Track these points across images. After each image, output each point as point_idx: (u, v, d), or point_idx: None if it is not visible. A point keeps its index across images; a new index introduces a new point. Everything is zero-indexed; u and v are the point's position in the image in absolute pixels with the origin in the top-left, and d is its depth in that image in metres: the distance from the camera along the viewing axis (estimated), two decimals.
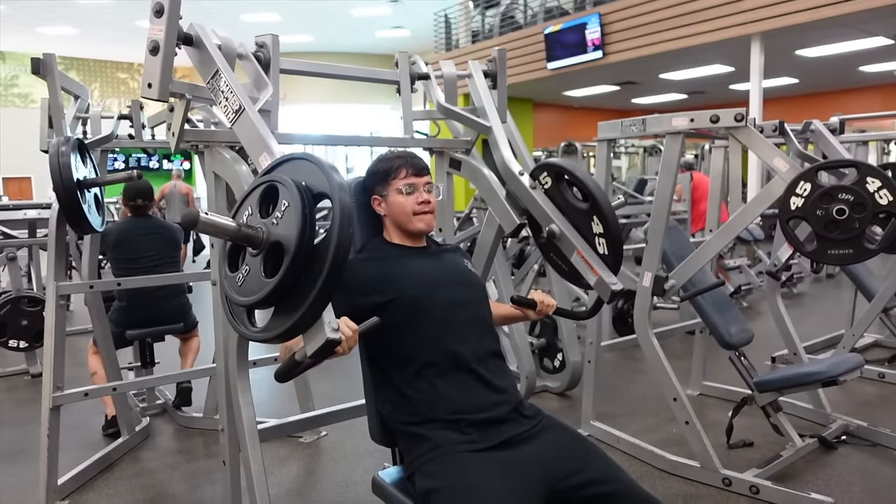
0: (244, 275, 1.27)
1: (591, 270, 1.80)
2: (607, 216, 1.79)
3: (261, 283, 1.22)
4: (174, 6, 1.57)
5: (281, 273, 1.18)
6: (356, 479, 2.72)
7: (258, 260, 1.24)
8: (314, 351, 1.23)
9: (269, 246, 1.23)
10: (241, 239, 1.25)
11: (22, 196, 15.46)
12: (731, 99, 13.10)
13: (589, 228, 1.84)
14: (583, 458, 1.46)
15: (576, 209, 1.88)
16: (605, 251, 1.81)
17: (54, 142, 2.39)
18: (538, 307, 1.79)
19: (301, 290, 1.20)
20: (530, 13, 11.49)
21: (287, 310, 1.22)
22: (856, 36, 8.42)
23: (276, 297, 1.21)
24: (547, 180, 1.93)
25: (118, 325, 3.29)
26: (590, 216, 1.83)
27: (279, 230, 1.22)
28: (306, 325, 1.22)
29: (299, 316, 1.19)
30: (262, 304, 1.24)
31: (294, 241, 1.18)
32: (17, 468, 2.91)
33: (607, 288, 1.78)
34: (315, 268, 1.18)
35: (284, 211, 1.22)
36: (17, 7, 13.51)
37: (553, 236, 1.87)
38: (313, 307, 1.18)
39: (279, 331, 1.23)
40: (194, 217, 1.18)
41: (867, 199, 2.13)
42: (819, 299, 6.62)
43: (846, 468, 2.68)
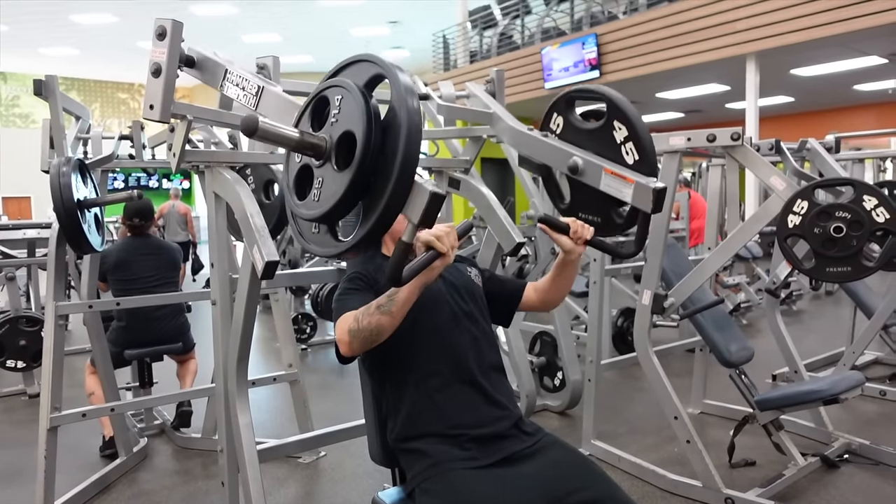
0: (318, 187, 1.19)
1: (624, 181, 1.57)
2: (627, 111, 1.60)
3: (339, 179, 1.14)
4: (176, 29, 1.60)
5: (358, 153, 1.10)
6: (355, 500, 2.70)
7: (328, 167, 1.18)
8: (422, 212, 1.12)
9: (336, 143, 1.16)
10: (305, 146, 1.18)
11: (21, 215, 15.49)
12: (728, 117, 13.18)
13: (612, 143, 1.64)
14: (583, 477, 1.45)
15: (593, 132, 1.70)
16: (636, 156, 1.60)
17: (55, 162, 2.40)
18: (573, 229, 1.56)
19: (383, 167, 1.11)
20: (528, 34, 11.61)
21: (375, 195, 1.12)
22: (850, 55, 8.51)
23: (359, 183, 1.12)
24: (558, 123, 1.80)
25: (117, 345, 3.28)
26: (609, 127, 1.64)
27: (341, 124, 1.16)
28: (403, 193, 1.11)
29: (394, 181, 1.09)
30: (348, 197, 1.14)
31: (362, 122, 1.11)
32: (13, 490, 2.88)
33: (648, 190, 1.52)
34: (390, 140, 1.11)
35: (340, 105, 1.17)
36: (19, 28, 13.65)
37: (576, 170, 1.67)
38: (404, 169, 1.09)
39: (376, 214, 1.11)
40: (254, 122, 1.11)
41: (864, 216, 2.14)
42: (818, 317, 6.62)
43: (849, 487, 2.66)
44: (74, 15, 13.05)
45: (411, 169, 1.11)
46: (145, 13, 11.91)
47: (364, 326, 1.36)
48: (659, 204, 1.54)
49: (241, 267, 1.87)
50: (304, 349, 5.40)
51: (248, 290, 1.85)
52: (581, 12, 10.58)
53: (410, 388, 1.52)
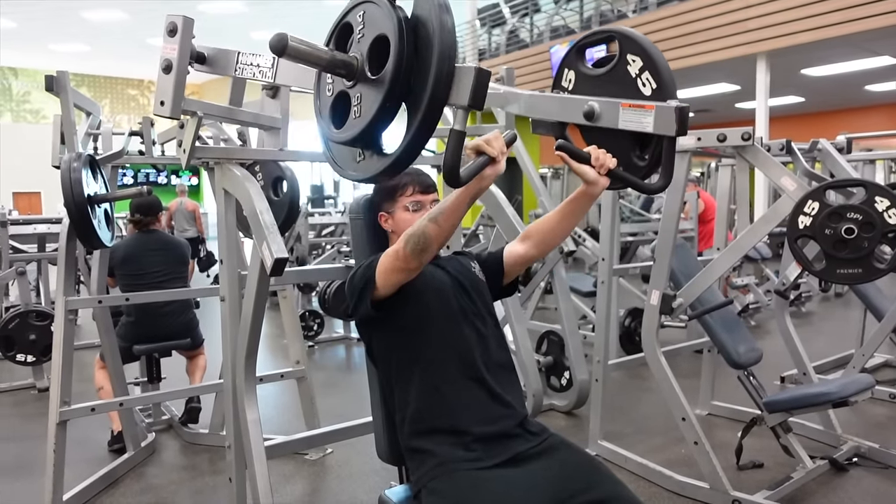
0: (357, 104, 1.16)
1: (643, 110, 1.48)
2: (640, 41, 1.51)
3: (377, 88, 1.11)
4: (187, 26, 1.60)
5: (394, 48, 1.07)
6: (362, 497, 2.70)
7: (361, 85, 1.15)
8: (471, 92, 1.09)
9: (368, 54, 1.14)
10: (336, 65, 1.15)
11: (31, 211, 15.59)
12: (738, 117, 13.12)
13: (627, 80, 1.55)
14: (590, 477, 1.45)
15: (606, 75, 1.61)
16: (654, 85, 1.51)
17: (66, 157, 2.42)
18: (594, 157, 1.49)
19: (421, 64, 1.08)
20: (536, 32, 11.59)
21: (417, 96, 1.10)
22: (861, 55, 8.45)
23: (399, 84, 1.09)
24: (570, 78, 1.72)
25: (125, 340, 3.29)
26: (623, 62, 1.56)
27: (369, 34, 1.14)
28: (447, 81, 1.08)
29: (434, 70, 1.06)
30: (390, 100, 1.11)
31: (391, 21, 1.08)
32: (22, 483, 2.90)
33: (670, 110, 1.43)
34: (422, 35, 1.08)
35: (364, 18, 1.15)
36: (30, 25, 13.74)
37: (592, 116, 1.56)
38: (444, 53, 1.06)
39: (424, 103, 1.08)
40: (284, 40, 1.09)
41: (876, 218, 2.13)
42: (828, 318, 6.58)
43: (858, 491, 2.65)
44: (85, 11, 13.12)
45: (453, 51, 1.08)
46: (155, 10, 11.96)
47: (416, 231, 1.37)
48: (683, 125, 1.44)
49: (250, 263, 1.87)
50: (311, 346, 5.42)
51: (257, 287, 1.85)
52: (590, 11, 10.55)
53: (417, 382, 1.52)
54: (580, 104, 1.57)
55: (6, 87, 18.14)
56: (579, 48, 1.69)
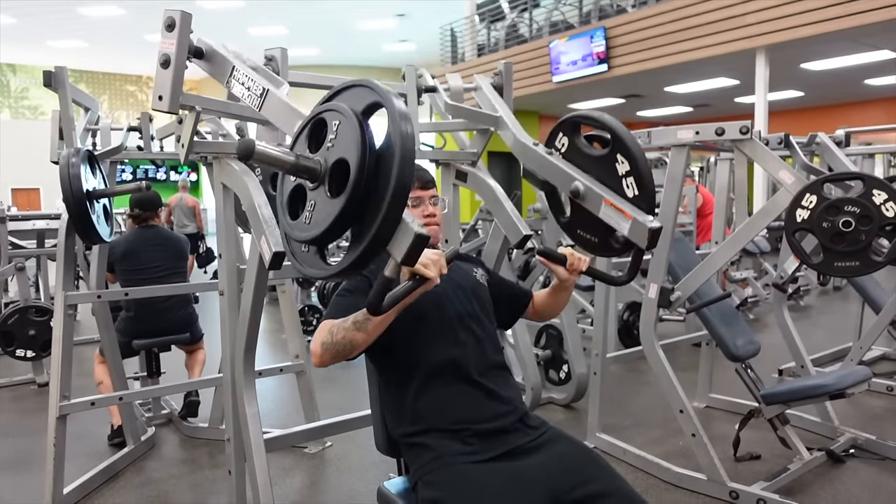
0: (310, 210, 1.21)
1: (622, 215, 1.62)
2: (631, 147, 1.63)
3: (331, 206, 1.16)
4: (185, 21, 1.60)
5: (350, 184, 1.12)
6: (361, 489, 2.72)
7: (321, 190, 1.19)
8: (405, 252, 1.14)
9: (331, 168, 1.17)
10: (300, 170, 1.19)
11: (30, 206, 15.58)
12: (737, 112, 13.11)
13: (614, 174, 1.68)
14: (588, 470, 1.45)
15: (597, 159, 1.74)
16: (636, 191, 1.64)
17: (65, 153, 2.42)
18: (569, 261, 1.64)
19: (374, 200, 1.12)
20: (535, 27, 11.56)
21: (364, 227, 1.14)
22: (860, 49, 8.44)
23: (349, 212, 1.13)
24: (563, 142, 1.82)
25: (125, 335, 3.30)
26: (613, 158, 1.68)
27: (336, 150, 1.17)
28: (389, 230, 1.13)
29: (380, 220, 1.11)
30: (337, 225, 1.16)
31: (356, 151, 1.12)
32: (22, 477, 2.92)
33: (644, 228, 1.58)
34: (382, 172, 1.12)
35: (337, 130, 1.17)
36: (28, 21, 13.70)
37: (577, 195, 1.71)
38: (392, 208, 1.10)
39: (362, 245, 1.14)
40: (250, 146, 1.13)
41: (873, 211, 2.13)
42: (826, 312, 6.59)
43: (854, 482, 2.66)
44: (82, 7, 13.08)
45: (400, 207, 1.12)
46: (152, 6, 11.88)
47: (337, 340, 1.38)
48: (654, 241, 1.60)
49: (249, 258, 1.88)
50: (310, 340, 5.42)
51: (256, 281, 1.86)
52: (589, 5, 10.53)
53: (413, 386, 1.52)
54: (569, 179, 1.74)
55: (4, 83, 18.10)
56: (574, 123, 1.80)
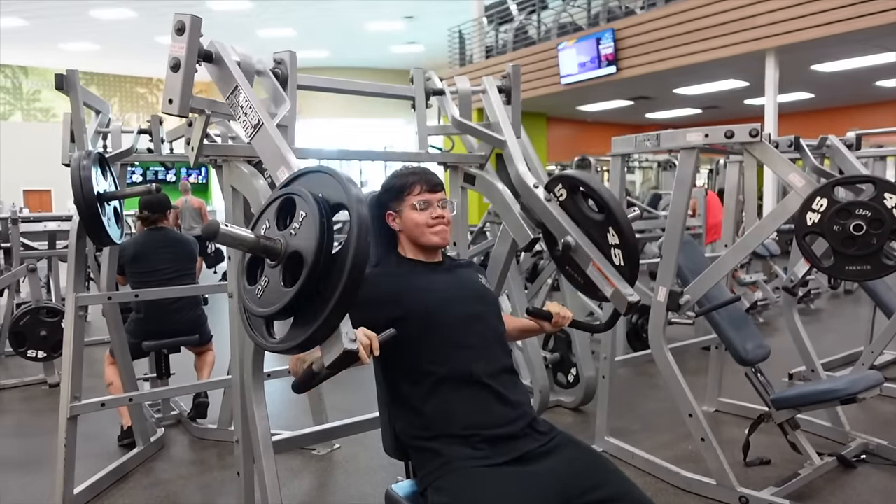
0: (263, 286, 1.28)
1: (607, 282, 1.79)
2: (623, 226, 1.78)
3: (279, 294, 1.23)
4: (195, 24, 1.61)
5: (299, 283, 1.19)
6: (369, 492, 2.72)
7: (277, 271, 1.25)
8: (332, 362, 1.23)
9: (288, 257, 1.24)
10: (259, 250, 1.26)
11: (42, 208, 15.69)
12: (746, 114, 13.04)
13: (605, 239, 1.84)
14: (597, 474, 1.45)
15: (591, 220, 1.87)
16: (622, 262, 1.80)
17: (76, 155, 2.43)
18: (554, 319, 1.77)
19: (320, 300, 1.21)
20: (544, 29, 11.55)
21: (305, 321, 1.23)
22: (871, 51, 8.38)
23: (294, 307, 1.22)
24: (562, 192, 1.93)
25: (135, 337, 3.32)
26: (605, 227, 1.82)
27: (297, 241, 1.23)
28: (324, 336, 1.23)
29: (317, 326, 1.19)
30: (281, 315, 1.25)
31: (312, 251, 1.19)
32: (33, 477, 2.94)
33: (624, 299, 1.76)
34: (333, 278, 1.19)
35: (302, 222, 1.23)
36: (40, 23, 13.82)
37: (568, 248, 1.87)
38: (331, 318, 1.19)
39: (297, 341, 1.23)
40: (214, 228, 1.20)
41: (885, 214, 2.11)
42: (837, 316, 6.54)
43: (866, 488, 2.64)
44: (94, 10, 13.18)
45: (338, 319, 1.21)
46: (163, 9, 12.00)
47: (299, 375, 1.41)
48: (630, 311, 1.79)
49: None
50: None
51: None
52: (598, 7, 10.51)
53: (423, 391, 1.52)
54: (563, 231, 1.89)
55: (17, 85, 18.25)
56: (573, 185, 1.92)
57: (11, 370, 4.77)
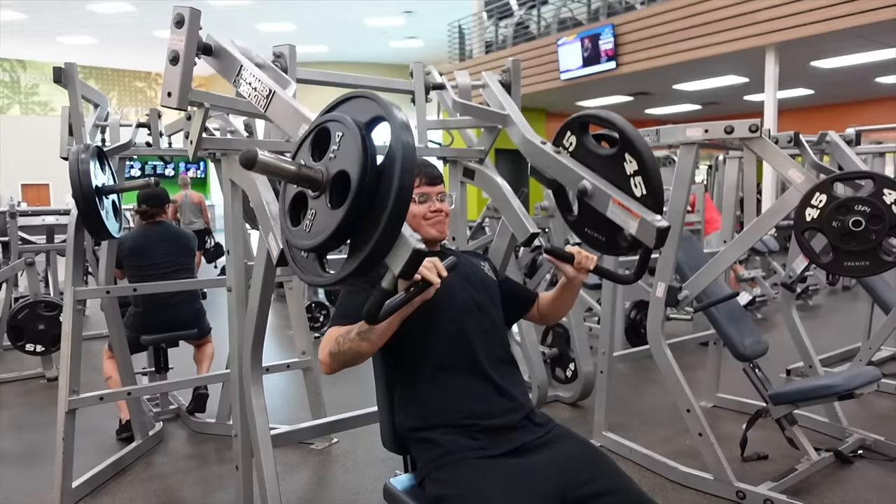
0: (311, 219, 1.22)
1: (630, 214, 1.62)
2: (639, 147, 1.63)
3: (330, 218, 1.17)
4: (194, 17, 1.60)
5: (350, 198, 1.13)
6: (367, 486, 2.72)
7: (322, 200, 1.20)
8: (402, 266, 1.15)
9: (332, 179, 1.19)
10: (301, 179, 1.20)
11: (40, 202, 15.69)
12: (746, 110, 13.03)
13: (622, 173, 1.68)
14: (594, 468, 1.45)
15: (605, 158, 1.74)
16: (643, 190, 1.64)
17: (74, 149, 2.43)
18: (577, 259, 1.63)
19: (373, 216, 1.14)
20: (544, 24, 11.52)
21: (363, 238, 1.15)
22: (871, 47, 8.36)
23: (349, 224, 1.15)
24: (571, 141, 1.83)
25: (133, 331, 3.32)
26: (621, 157, 1.67)
27: (338, 163, 1.18)
28: (387, 244, 1.15)
29: (379, 234, 1.12)
30: (335, 239, 1.17)
31: (357, 164, 1.13)
32: (32, 471, 2.94)
33: (652, 227, 1.58)
34: (383, 187, 1.13)
35: (340, 141, 1.19)
36: (38, 17, 13.77)
37: (585, 194, 1.71)
38: (391, 222, 1.12)
39: (360, 258, 1.15)
40: (253, 156, 1.14)
41: (884, 210, 2.12)
42: (835, 311, 6.55)
43: (862, 483, 2.64)
44: (92, 4, 13.14)
45: (399, 222, 1.13)
46: (161, 2, 11.95)
47: (344, 350, 1.40)
48: (661, 241, 1.59)
49: (257, 254, 1.88)
50: (317, 337, 5.44)
51: (264, 277, 1.86)
52: (598, 2, 10.48)
53: (422, 379, 1.53)
54: (577, 178, 1.73)
55: (15, 79, 18.21)
56: (583, 122, 1.80)
57: (10, 364, 4.77)
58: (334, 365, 1.42)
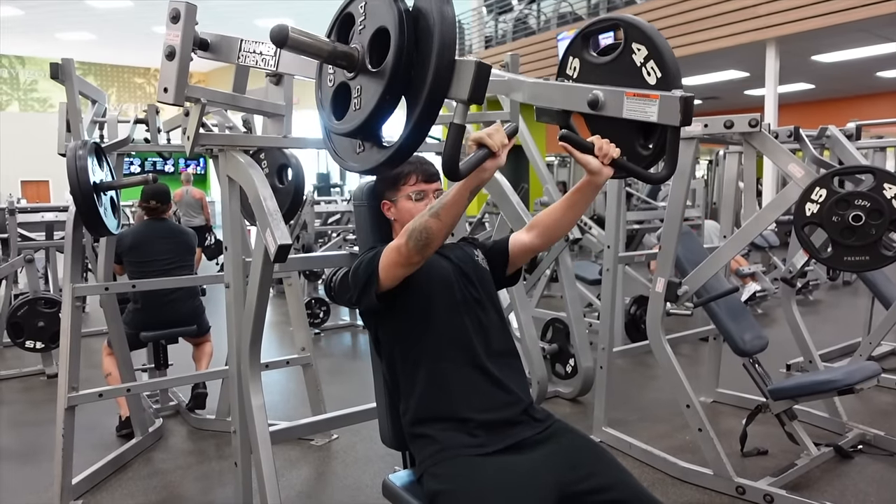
0: (357, 96, 1.17)
1: (648, 99, 1.46)
2: (645, 29, 1.49)
3: (378, 78, 1.11)
4: (190, 12, 1.60)
5: (393, 49, 1.07)
6: (367, 482, 2.72)
7: (362, 76, 1.16)
8: (470, 86, 1.09)
9: (369, 46, 1.14)
10: (338, 56, 1.15)
11: (39, 199, 15.68)
12: (747, 104, 13.00)
13: (632, 67, 1.53)
14: (593, 464, 1.45)
15: (610, 64, 1.60)
16: (658, 74, 1.49)
17: (72, 145, 2.42)
18: (597, 146, 1.49)
19: (421, 60, 1.08)
20: (543, 19, 11.49)
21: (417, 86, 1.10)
22: (872, 42, 8.34)
23: (400, 73, 1.09)
24: (574, 66, 1.71)
25: (132, 327, 3.32)
26: (628, 50, 1.54)
27: (370, 26, 1.14)
28: (447, 74, 1.08)
29: (434, 63, 1.06)
30: (391, 89, 1.11)
31: (392, 13, 1.08)
32: (31, 467, 2.94)
33: (674, 100, 1.41)
34: (422, 32, 1.08)
35: (365, 10, 1.15)
36: (36, 13, 13.73)
37: (596, 104, 1.55)
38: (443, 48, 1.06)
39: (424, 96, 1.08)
40: (285, 31, 1.08)
41: (884, 205, 2.11)
42: (835, 306, 6.55)
43: (862, 478, 2.65)
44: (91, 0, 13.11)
45: (452, 44, 1.07)
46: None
47: (418, 226, 1.37)
48: (688, 116, 1.42)
49: (255, 250, 1.88)
50: (317, 333, 5.44)
51: (261, 274, 1.86)
52: None
53: (421, 370, 1.52)
54: (584, 92, 1.56)
55: (13, 75, 18.18)
56: (584, 36, 1.67)
57: (9, 361, 4.77)
58: (410, 243, 1.37)
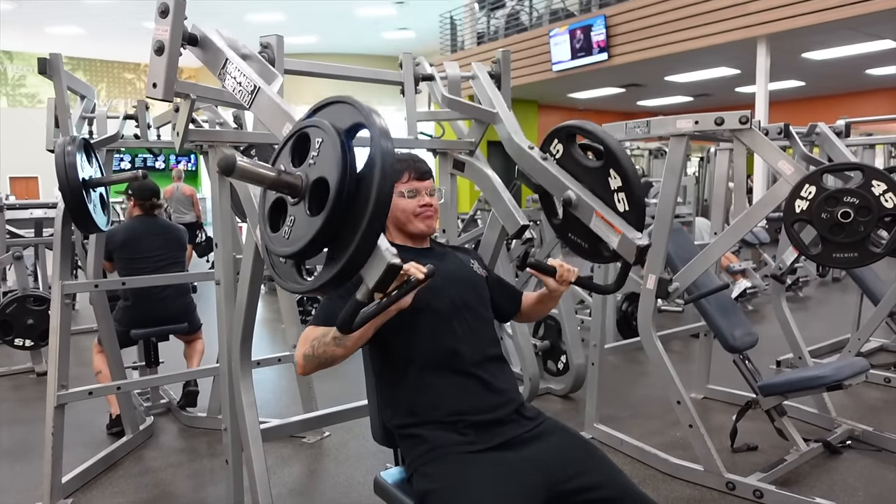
0: (290, 226, 1.21)
1: (612, 230, 1.69)
2: (623, 164, 1.67)
3: (308, 225, 1.16)
4: (179, 6, 1.58)
5: (328, 205, 1.12)
6: (358, 479, 2.72)
7: (301, 207, 1.19)
8: (376, 280, 1.15)
9: (311, 186, 1.18)
10: (281, 185, 1.19)
11: (28, 195, 15.53)
12: (737, 101, 13.06)
13: (606, 187, 1.73)
14: (584, 461, 1.45)
15: (591, 170, 1.78)
16: (626, 207, 1.70)
17: (60, 141, 2.40)
18: (558, 272, 1.64)
19: (351, 223, 1.13)
20: (535, 15, 11.49)
21: (340, 248, 1.15)
22: (862, 39, 8.40)
23: (327, 232, 1.14)
24: (558, 149, 1.86)
25: (123, 325, 3.30)
26: (606, 172, 1.72)
27: (318, 169, 1.17)
28: (364, 256, 1.14)
29: (355, 246, 1.12)
30: (313, 247, 1.17)
31: (336, 171, 1.12)
32: (21, 466, 2.92)
33: (632, 245, 1.65)
34: (362, 195, 1.13)
35: (320, 148, 1.18)
36: (25, 7, 13.58)
37: (569, 204, 1.76)
38: (368, 233, 1.12)
39: (336, 268, 1.15)
40: (231, 162, 1.13)
41: (873, 202, 2.12)
42: (824, 303, 6.59)
43: (851, 473, 2.67)
44: None
45: (375, 235, 1.13)
46: None
47: (318, 354, 1.39)
48: (641, 258, 1.66)
49: (245, 247, 1.87)
50: None
51: (252, 271, 1.85)
52: None
53: (410, 377, 1.52)
54: (562, 187, 1.80)
55: (1, 71, 17.99)
56: (570, 132, 1.85)
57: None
58: (308, 367, 1.42)
